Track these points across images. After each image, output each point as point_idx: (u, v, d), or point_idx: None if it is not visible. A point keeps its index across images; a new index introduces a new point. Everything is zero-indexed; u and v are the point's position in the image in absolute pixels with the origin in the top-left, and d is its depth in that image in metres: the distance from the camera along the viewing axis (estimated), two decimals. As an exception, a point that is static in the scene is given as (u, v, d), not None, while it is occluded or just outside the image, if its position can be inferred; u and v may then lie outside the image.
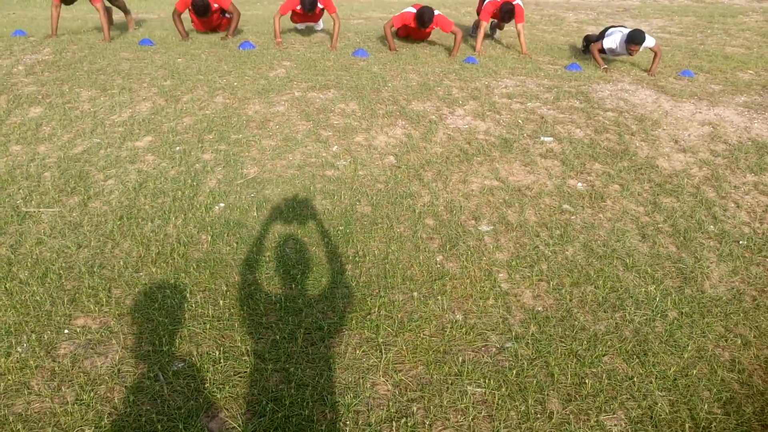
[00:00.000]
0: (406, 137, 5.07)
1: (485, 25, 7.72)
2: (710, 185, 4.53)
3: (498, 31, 8.22)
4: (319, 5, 7.47)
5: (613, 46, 7.11)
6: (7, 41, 7.23)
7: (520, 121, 5.44)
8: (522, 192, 4.35)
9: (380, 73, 6.45)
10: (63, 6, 7.56)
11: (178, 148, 4.76)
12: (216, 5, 7.64)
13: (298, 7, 7.44)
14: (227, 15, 7.94)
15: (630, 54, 6.98)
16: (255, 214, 3.93)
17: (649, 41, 6.90)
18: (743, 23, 11.09)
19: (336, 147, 4.87)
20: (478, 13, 7.96)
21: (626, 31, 6.98)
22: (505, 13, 7.41)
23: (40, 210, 3.88)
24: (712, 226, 4.02)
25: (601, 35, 7.41)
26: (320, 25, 8.58)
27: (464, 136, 5.12)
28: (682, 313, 3.16)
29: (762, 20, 11.46)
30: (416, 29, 7.58)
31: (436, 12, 7.26)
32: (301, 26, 8.40)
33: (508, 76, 6.66)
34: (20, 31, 7.71)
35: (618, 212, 4.16)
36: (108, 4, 7.95)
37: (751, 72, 7.35)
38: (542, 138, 5.13)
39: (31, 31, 7.86)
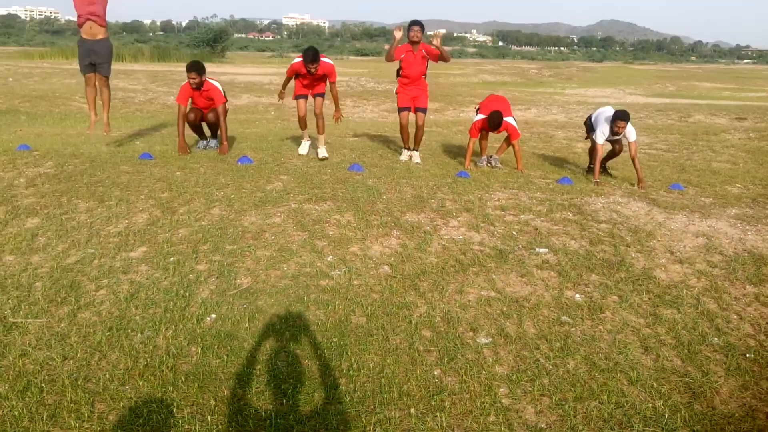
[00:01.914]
0: (401, 247, 5.07)
1: (474, 141, 7.99)
2: (710, 296, 4.48)
3: (496, 159, 8.30)
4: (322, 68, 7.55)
5: (605, 134, 7.41)
6: (11, 155, 7.39)
7: (514, 232, 5.47)
8: (520, 303, 4.29)
9: (375, 186, 6.57)
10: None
11: (172, 258, 4.73)
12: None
13: (303, 71, 7.54)
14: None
15: (616, 133, 7.29)
16: (247, 325, 3.83)
17: (631, 131, 7.32)
18: (726, 140, 11.51)
19: (331, 257, 4.85)
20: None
21: (609, 114, 7.41)
22: (494, 119, 7.60)
23: (28, 320, 3.78)
24: (716, 339, 3.93)
25: (590, 129, 7.77)
26: (323, 152, 8.13)
27: (459, 247, 5.12)
28: (693, 431, 3.01)
29: (744, 138, 11.91)
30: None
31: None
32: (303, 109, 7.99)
33: (501, 189, 6.78)
34: (25, 146, 7.90)
35: (618, 324, 4.08)
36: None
37: (739, 186, 7.52)
38: (537, 249, 5.13)
39: (36, 146, 8.05)
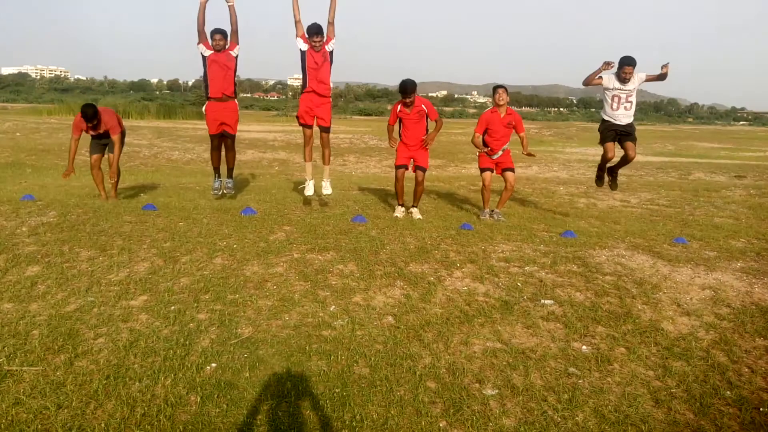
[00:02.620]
0: (404, 298, 5.01)
1: (479, 137, 8.19)
2: (720, 349, 4.39)
3: (498, 213, 8.31)
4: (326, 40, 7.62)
5: (611, 79, 7.74)
6: (14, 205, 7.40)
7: (519, 284, 5.42)
8: (526, 354, 4.20)
9: (378, 237, 6.55)
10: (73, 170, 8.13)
11: (173, 307, 4.67)
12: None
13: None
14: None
15: (623, 80, 7.66)
16: (247, 374, 3.74)
17: (641, 72, 7.71)
18: (728, 197, 11.54)
19: (333, 307, 4.79)
20: None
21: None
22: (499, 86, 8.05)
23: (23, 368, 3.70)
24: (728, 392, 3.82)
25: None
26: (327, 188, 8.33)
27: (464, 298, 5.06)
28: (709, 486, 2.89)
29: (745, 194, 11.94)
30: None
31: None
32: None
33: (504, 241, 6.76)
34: (29, 196, 7.94)
35: (627, 376, 3.98)
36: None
37: (743, 240, 7.49)
38: (543, 301, 5.07)
39: (40, 197, 8.09)
